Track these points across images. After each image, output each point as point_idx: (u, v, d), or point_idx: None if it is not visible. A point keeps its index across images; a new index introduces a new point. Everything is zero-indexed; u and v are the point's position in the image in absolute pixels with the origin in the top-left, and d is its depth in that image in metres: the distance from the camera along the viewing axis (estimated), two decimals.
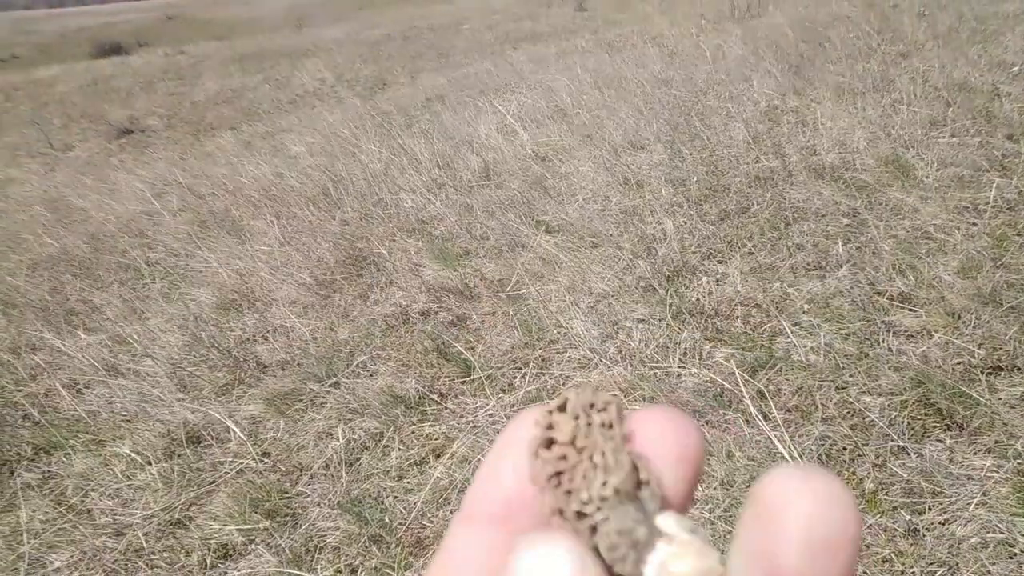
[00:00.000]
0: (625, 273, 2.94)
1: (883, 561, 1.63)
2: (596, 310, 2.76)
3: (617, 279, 2.90)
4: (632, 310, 2.71)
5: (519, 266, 3.16)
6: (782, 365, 2.27)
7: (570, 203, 3.71)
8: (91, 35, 20.59)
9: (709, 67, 5.87)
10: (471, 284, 3.12)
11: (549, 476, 0.19)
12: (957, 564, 1.58)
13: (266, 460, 2.32)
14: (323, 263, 3.56)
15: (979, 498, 1.71)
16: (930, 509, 1.72)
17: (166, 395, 2.70)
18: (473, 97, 6.82)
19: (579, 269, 3.03)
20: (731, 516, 1.79)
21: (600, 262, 3.07)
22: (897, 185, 3.25)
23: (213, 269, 3.72)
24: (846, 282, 2.62)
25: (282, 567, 1.90)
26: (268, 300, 3.34)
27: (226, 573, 1.94)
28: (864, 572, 1.61)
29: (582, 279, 2.96)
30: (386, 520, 1.99)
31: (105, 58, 16.57)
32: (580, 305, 2.78)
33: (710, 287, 2.76)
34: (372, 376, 2.65)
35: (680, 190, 3.59)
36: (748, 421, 2.06)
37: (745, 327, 2.53)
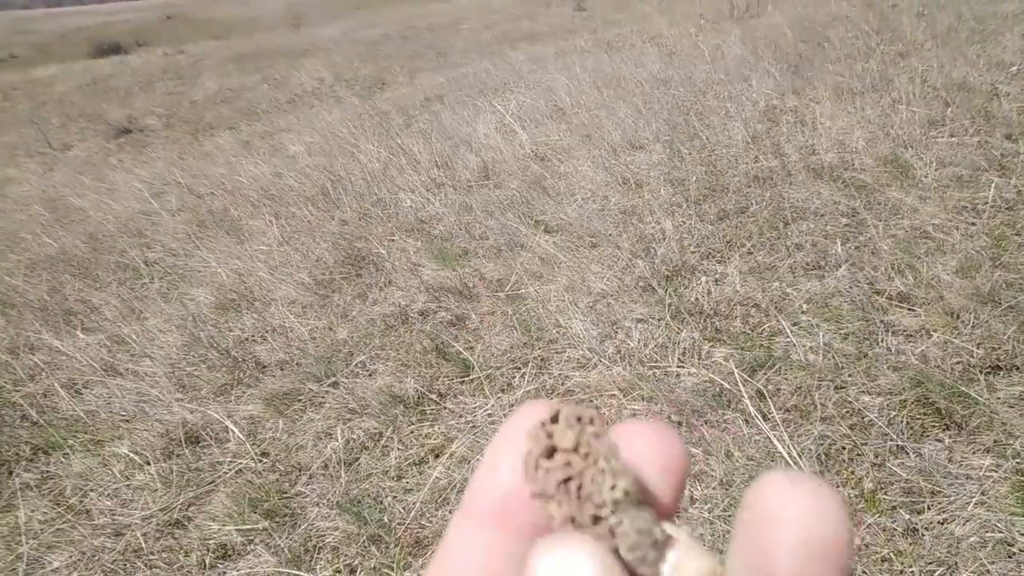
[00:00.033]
0: (624, 273, 2.95)
1: (882, 560, 1.63)
2: (595, 310, 2.76)
3: (616, 279, 2.90)
4: (631, 310, 2.71)
5: (518, 266, 3.15)
6: (781, 365, 2.27)
7: (569, 203, 3.71)
8: (89, 35, 20.56)
9: (708, 67, 5.87)
10: (470, 284, 3.12)
11: (558, 483, 0.19)
12: (956, 563, 1.58)
13: (265, 460, 2.32)
14: (322, 263, 3.56)
15: (978, 497, 1.71)
16: (929, 508, 1.73)
17: (165, 395, 2.70)
18: (472, 97, 6.82)
19: (578, 269, 3.03)
20: (730, 516, 1.79)
21: (599, 262, 3.07)
22: (896, 185, 3.25)
23: (212, 269, 3.72)
24: (845, 282, 2.62)
25: (281, 567, 1.90)
26: (267, 300, 3.34)
27: (225, 573, 1.94)
28: (863, 571, 1.61)
29: (581, 279, 2.96)
30: (385, 520, 1.99)
31: (104, 57, 16.56)
32: (579, 305, 2.78)
33: (709, 287, 2.76)
34: (371, 376, 2.64)
35: (679, 190, 3.59)
36: (747, 421, 2.06)
37: (744, 327, 2.53)
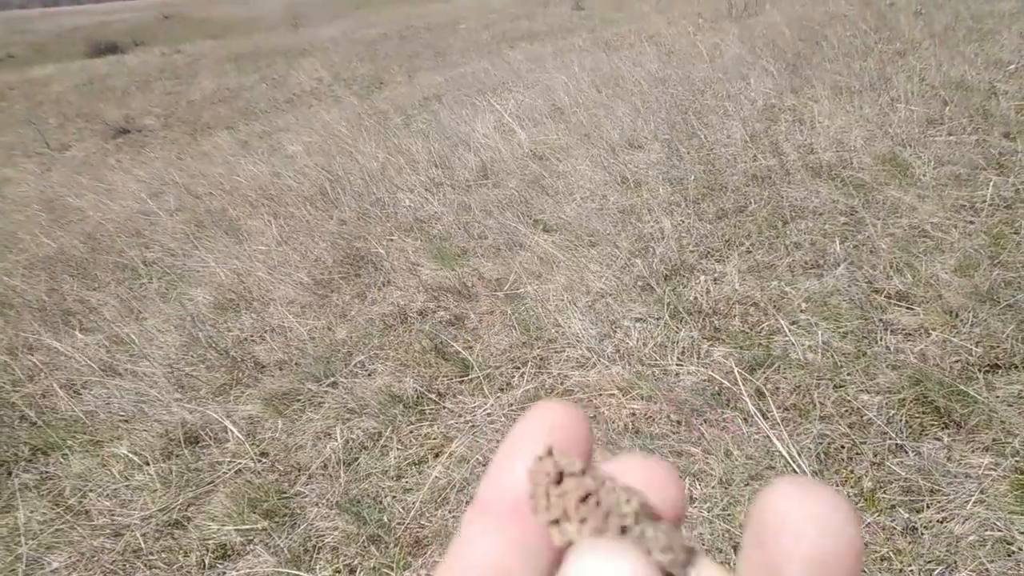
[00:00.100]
0: (623, 272, 2.94)
1: (881, 559, 1.63)
2: (594, 309, 2.76)
3: (615, 278, 2.90)
4: (630, 309, 2.71)
5: (517, 265, 3.15)
6: (780, 363, 2.27)
7: (568, 202, 3.71)
8: (87, 34, 20.53)
9: (706, 66, 5.87)
10: (469, 283, 3.12)
11: (578, 501, 0.19)
12: (955, 562, 1.58)
13: (264, 460, 2.32)
14: (321, 263, 3.56)
15: (977, 496, 1.71)
16: (928, 507, 1.73)
17: (164, 395, 2.69)
18: (470, 96, 6.81)
19: (577, 268, 3.03)
20: (729, 515, 1.79)
21: (598, 261, 3.07)
22: (894, 183, 3.25)
23: (210, 269, 3.71)
24: (844, 280, 2.62)
25: (280, 567, 1.90)
26: (266, 300, 3.34)
27: (224, 573, 1.94)
28: (862, 571, 1.61)
29: (580, 278, 2.96)
30: (384, 520, 1.99)
31: (101, 57, 16.53)
32: (578, 304, 2.78)
33: (708, 286, 2.76)
34: (370, 376, 2.64)
35: (678, 189, 3.59)
36: (746, 419, 2.07)
37: (743, 326, 2.53)
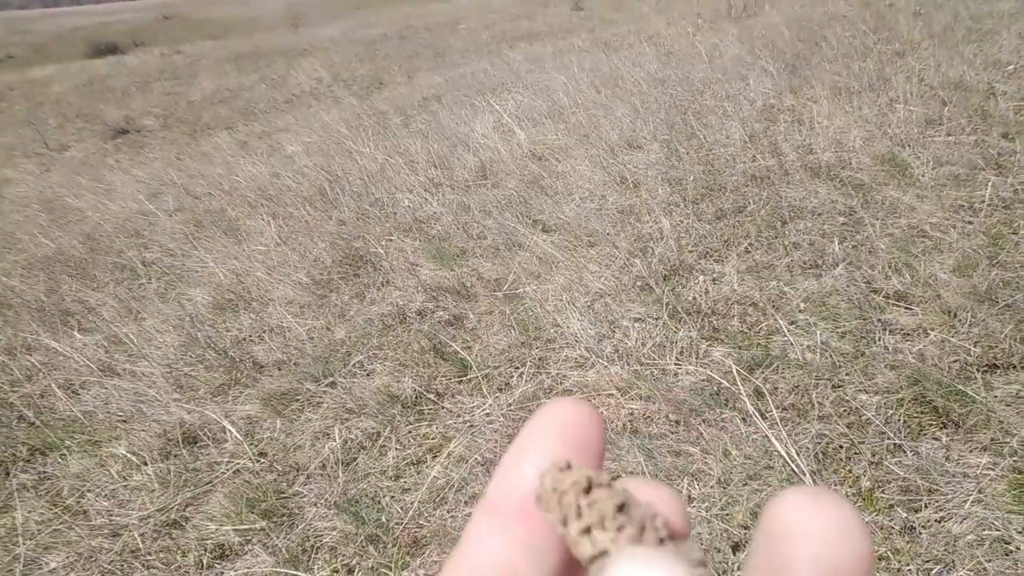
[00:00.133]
0: (622, 272, 2.95)
1: (880, 559, 1.63)
2: (593, 309, 2.76)
3: (614, 278, 2.90)
4: (629, 309, 2.71)
5: (516, 265, 3.15)
6: (779, 363, 2.27)
7: (567, 202, 3.71)
8: (86, 35, 20.52)
9: (705, 66, 5.88)
10: (468, 283, 3.12)
11: (615, 510, 0.20)
12: (953, 561, 1.58)
13: (263, 460, 2.32)
14: (320, 263, 3.56)
15: (975, 495, 1.71)
16: (926, 507, 1.73)
17: (162, 395, 2.69)
18: (470, 96, 6.82)
19: (576, 268, 3.03)
20: (727, 515, 1.79)
21: (597, 261, 3.07)
22: (893, 184, 3.25)
23: (209, 269, 3.71)
24: (842, 280, 2.62)
25: (279, 567, 1.90)
26: (264, 300, 3.34)
27: (223, 573, 1.94)
28: None
29: (579, 278, 2.96)
30: (383, 520, 1.99)
31: (101, 58, 16.53)
32: (577, 304, 2.78)
33: (707, 286, 2.76)
34: (369, 376, 2.64)
35: (676, 189, 3.59)
36: (745, 419, 2.06)
37: (742, 326, 2.53)
